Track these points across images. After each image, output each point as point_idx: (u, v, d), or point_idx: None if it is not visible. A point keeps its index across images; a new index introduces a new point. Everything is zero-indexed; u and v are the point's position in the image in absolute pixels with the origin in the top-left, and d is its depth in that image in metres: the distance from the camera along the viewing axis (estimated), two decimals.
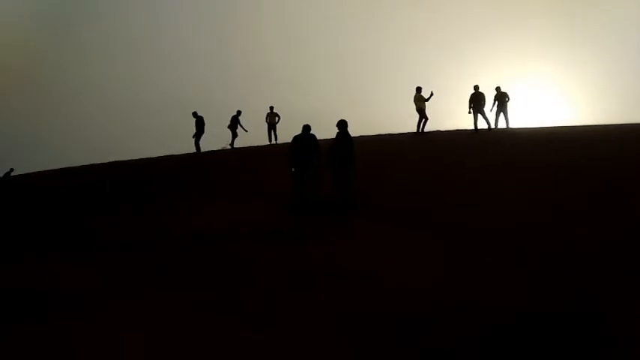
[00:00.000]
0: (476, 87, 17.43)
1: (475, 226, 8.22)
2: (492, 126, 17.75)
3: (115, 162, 19.50)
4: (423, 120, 17.94)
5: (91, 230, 10.00)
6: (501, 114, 17.82)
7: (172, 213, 10.77)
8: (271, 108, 20.62)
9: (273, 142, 20.46)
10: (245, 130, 20.22)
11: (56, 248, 8.92)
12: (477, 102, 17.38)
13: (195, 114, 19.06)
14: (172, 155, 19.89)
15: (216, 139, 19.97)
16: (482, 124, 17.63)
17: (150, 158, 19.43)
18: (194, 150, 19.31)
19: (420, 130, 18.06)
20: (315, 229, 8.94)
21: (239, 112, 20.15)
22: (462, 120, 18.33)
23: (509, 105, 17.85)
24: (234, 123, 20.08)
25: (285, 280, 6.73)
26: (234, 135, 20.16)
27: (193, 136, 19.06)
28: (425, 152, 14.93)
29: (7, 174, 22.53)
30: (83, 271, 7.55)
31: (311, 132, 10.37)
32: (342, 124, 10.20)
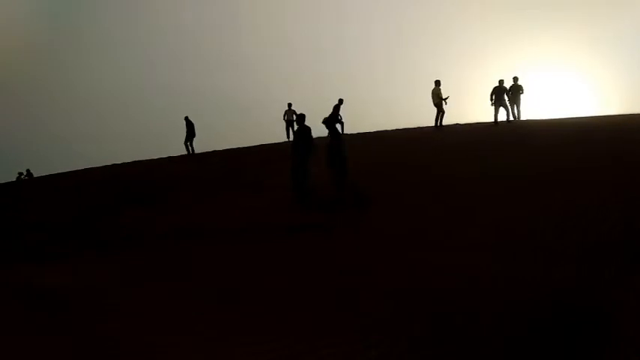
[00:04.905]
0: (501, 81, 17.35)
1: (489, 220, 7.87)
2: (511, 118, 17.55)
3: (128, 163, 19.81)
4: (441, 113, 17.81)
5: (100, 228, 10.12)
6: (514, 105, 17.62)
7: (177, 210, 10.82)
8: (289, 105, 20.32)
9: (291, 139, 20.24)
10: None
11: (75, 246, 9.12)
12: (498, 94, 17.26)
13: (186, 118, 19.73)
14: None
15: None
16: (502, 117, 17.47)
17: (155, 159, 19.68)
18: (190, 152, 19.70)
19: (439, 124, 17.86)
20: (314, 223, 8.80)
21: (341, 101, 18.02)
22: (481, 113, 18.01)
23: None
24: (336, 111, 19.19)
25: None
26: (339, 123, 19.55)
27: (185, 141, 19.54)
28: (442, 146, 14.52)
29: (29, 174, 23.21)
30: (100, 266, 7.80)
31: (305, 123, 10.61)
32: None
